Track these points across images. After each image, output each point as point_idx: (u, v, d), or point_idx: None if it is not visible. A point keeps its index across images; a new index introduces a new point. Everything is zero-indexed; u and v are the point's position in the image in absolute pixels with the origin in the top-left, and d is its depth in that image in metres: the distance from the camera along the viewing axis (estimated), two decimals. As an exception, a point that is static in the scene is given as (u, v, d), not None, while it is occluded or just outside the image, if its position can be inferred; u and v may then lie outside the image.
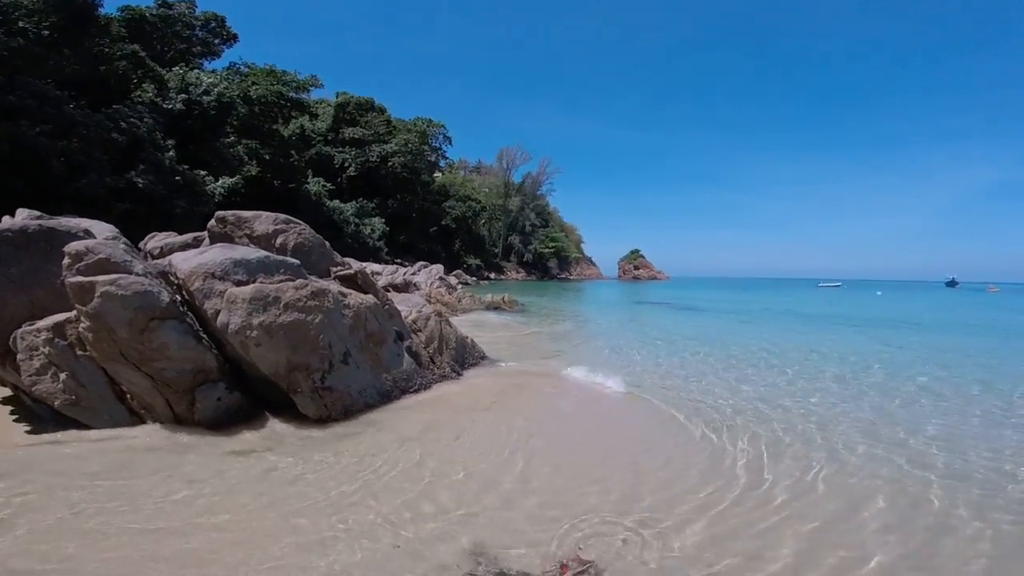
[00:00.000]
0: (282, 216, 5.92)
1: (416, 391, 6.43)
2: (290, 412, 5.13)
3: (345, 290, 5.73)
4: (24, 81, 17.17)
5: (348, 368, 5.38)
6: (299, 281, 4.94)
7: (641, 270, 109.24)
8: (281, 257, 5.05)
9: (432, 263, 43.65)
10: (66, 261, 4.26)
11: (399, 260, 42.81)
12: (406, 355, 6.44)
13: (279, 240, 5.63)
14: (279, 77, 37.51)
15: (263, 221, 5.71)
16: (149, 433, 4.63)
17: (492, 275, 72.32)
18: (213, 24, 37.48)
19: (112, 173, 19.57)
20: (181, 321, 4.53)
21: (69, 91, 22.55)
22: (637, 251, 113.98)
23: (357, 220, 46.02)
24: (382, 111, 56.67)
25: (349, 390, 5.41)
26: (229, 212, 5.85)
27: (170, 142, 22.81)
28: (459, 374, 7.41)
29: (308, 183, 45.52)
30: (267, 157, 36.44)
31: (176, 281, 4.73)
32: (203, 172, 23.41)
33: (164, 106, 24.37)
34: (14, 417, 4.88)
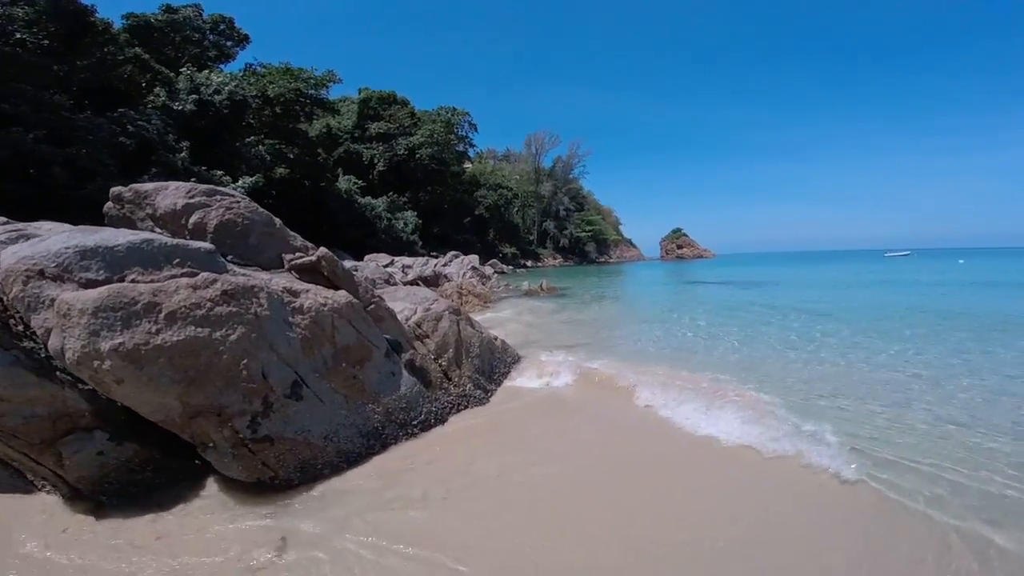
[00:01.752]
0: (202, 186, 4.10)
1: (423, 426, 4.55)
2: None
3: (301, 286, 3.87)
4: (18, 89, 16.33)
5: (301, 404, 3.54)
6: (203, 276, 3.10)
7: (685, 249, 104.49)
8: (176, 241, 3.21)
9: (467, 254, 42.12)
10: None
11: (434, 253, 41.44)
12: (404, 374, 4.56)
13: (194, 218, 3.82)
14: (295, 75, 36.44)
15: (169, 193, 3.91)
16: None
17: (529, 263, 70.23)
18: (222, 26, 36.73)
19: (122, 177, 18.63)
20: (5, 348, 2.77)
21: (77, 99, 21.97)
22: (679, 230, 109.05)
23: (389, 215, 44.89)
24: (405, 103, 55.25)
25: (307, 437, 3.57)
26: (127, 187, 4.07)
27: (184, 144, 21.83)
28: (487, 392, 5.48)
29: (338, 181, 44.73)
30: (292, 156, 35.57)
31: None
32: (220, 172, 22.33)
33: (175, 107, 23.44)
34: None
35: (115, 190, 4.00)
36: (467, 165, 70.77)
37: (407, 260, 24.70)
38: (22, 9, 18.38)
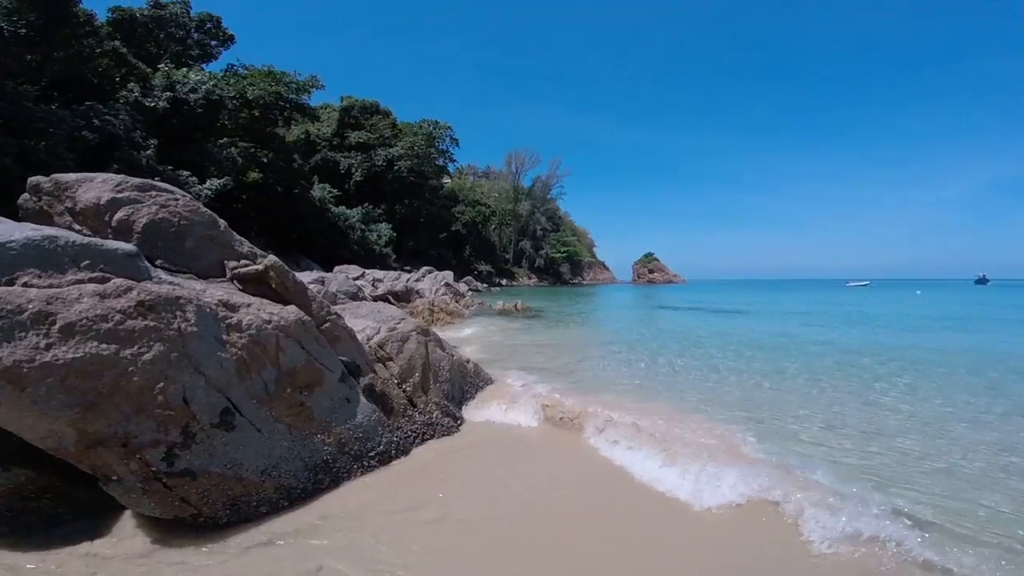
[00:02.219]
0: (135, 180, 3.60)
1: (381, 458, 4.09)
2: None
3: (241, 299, 3.41)
4: (-23, 76, 15.44)
5: (233, 435, 3.06)
6: (114, 283, 2.63)
7: (656, 273, 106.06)
8: (87, 240, 2.73)
9: (441, 270, 41.58)
10: None
11: (408, 267, 40.77)
12: (362, 400, 4.09)
13: (119, 215, 3.31)
14: (277, 78, 35.78)
15: (94, 186, 3.40)
16: None
17: (503, 281, 70.05)
18: (209, 25, 35.88)
19: (80, 173, 17.66)
20: None
21: (47, 90, 20.95)
22: (651, 254, 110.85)
23: (363, 226, 44.12)
24: (387, 114, 54.95)
25: (239, 471, 3.08)
26: (46, 178, 3.56)
27: (152, 141, 20.92)
28: (455, 420, 5.04)
29: (313, 189, 43.84)
30: (265, 160, 34.68)
31: None
32: (187, 173, 21.45)
33: (147, 104, 22.53)
34: None
35: (33, 180, 3.48)
36: (446, 180, 70.59)
37: (378, 273, 24.07)
38: (4, -5, 17.58)
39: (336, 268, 27.00)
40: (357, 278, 25.49)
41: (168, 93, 23.29)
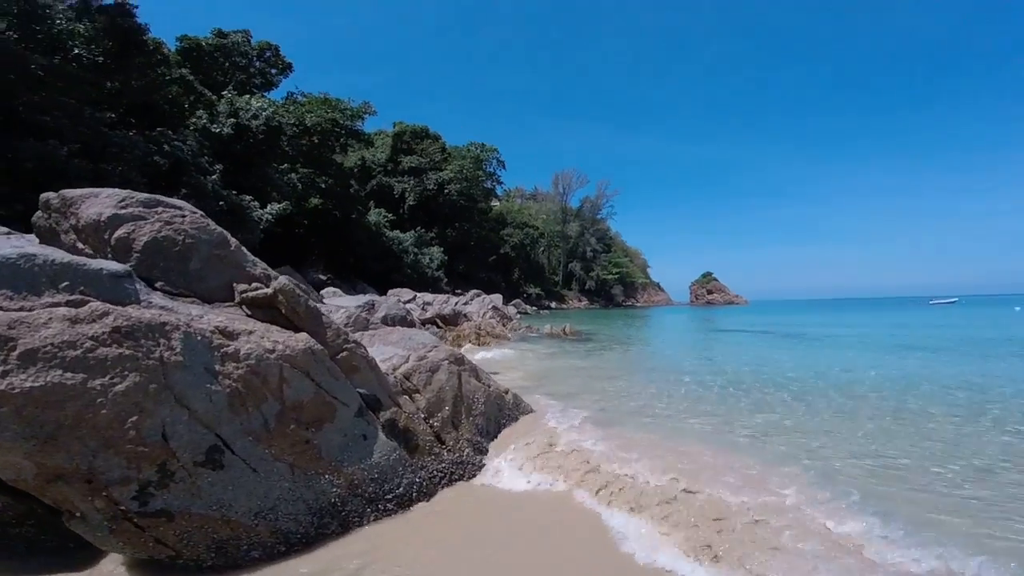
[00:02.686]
0: (141, 195, 3.42)
1: (400, 501, 3.66)
2: None
3: (241, 326, 3.11)
4: (61, 101, 16.81)
5: (221, 474, 2.72)
6: (90, 307, 2.37)
7: (715, 294, 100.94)
8: (69, 259, 2.50)
9: (491, 292, 41.56)
10: None
11: (458, 290, 41.05)
12: (381, 437, 3.69)
13: (120, 233, 3.11)
14: (333, 105, 37.49)
15: (97, 201, 3.23)
16: None
17: (553, 304, 69.35)
18: (268, 53, 38.17)
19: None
20: None
21: (123, 116, 22.71)
22: (710, 274, 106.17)
23: (416, 250, 45.01)
24: (437, 138, 56.41)
25: (226, 513, 2.73)
26: (56, 193, 3.44)
27: (217, 167, 22.18)
28: (483, 453, 4.55)
29: (369, 214, 45.36)
30: (324, 186, 36.17)
31: None
32: (249, 197, 22.54)
33: (213, 130, 24.01)
34: None
35: (44, 196, 3.39)
36: (494, 203, 71.38)
37: (428, 296, 24.17)
38: (83, 25, 19.10)
39: (389, 291, 27.41)
40: (408, 301, 25.74)
41: (232, 120, 24.69)
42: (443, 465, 4.19)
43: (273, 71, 38.57)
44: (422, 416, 4.18)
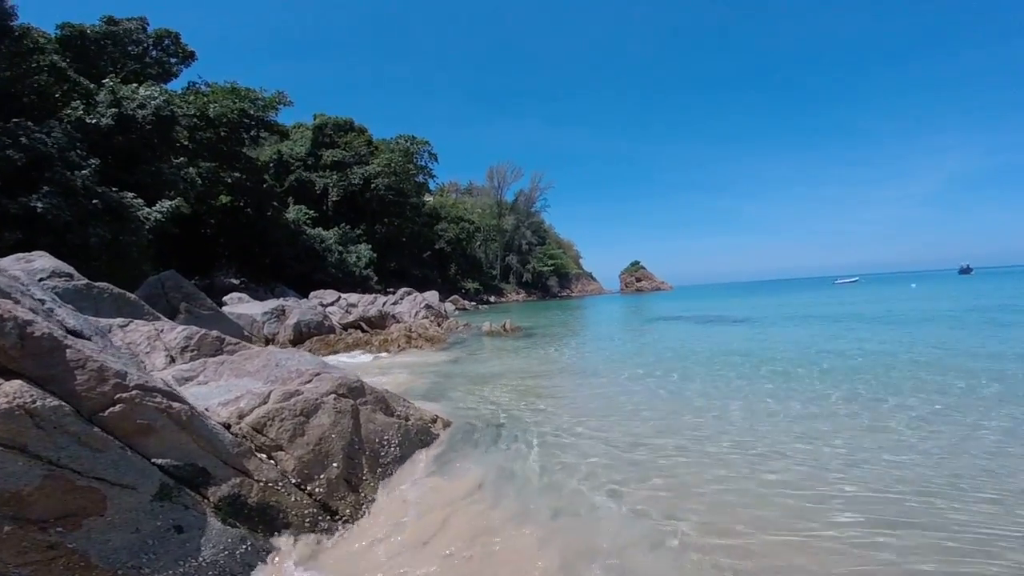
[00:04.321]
0: None
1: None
2: None
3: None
4: None
5: None
6: None
7: (643, 282, 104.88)
8: None
9: (427, 289, 39.65)
10: None
11: (390, 289, 38.84)
12: (213, 523, 2.30)
13: None
14: (242, 95, 34.09)
15: None
16: None
17: (492, 298, 68.31)
18: (167, 42, 34.19)
19: (5, 196, 15.68)
20: None
21: None
22: (638, 263, 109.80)
23: (341, 248, 42.19)
24: (362, 131, 53.51)
25: None
26: None
27: (92, 161, 18.96)
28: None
29: (288, 211, 41.91)
30: (230, 181, 32.80)
31: None
32: (131, 195, 19.46)
33: (88, 121, 20.60)
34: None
35: None
36: (428, 197, 69.07)
37: (353, 297, 22.18)
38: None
39: (312, 294, 25.07)
40: (331, 303, 23.54)
41: (113, 109, 21.37)
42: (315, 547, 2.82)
43: (172, 60, 34.57)
44: (293, 482, 2.77)
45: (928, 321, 14.70)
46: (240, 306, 14.55)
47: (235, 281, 32.13)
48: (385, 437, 3.62)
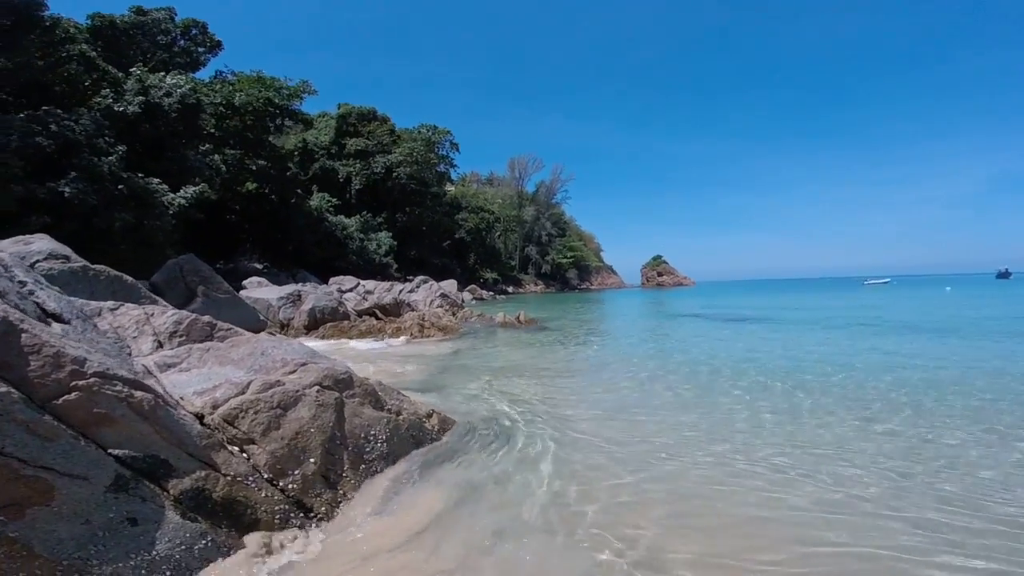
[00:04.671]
0: None
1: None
2: None
3: None
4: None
5: None
6: None
7: (665, 276, 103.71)
8: None
9: (446, 278, 39.76)
10: None
11: (410, 277, 39.12)
12: (171, 517, 2.25)
13: None
14: (267, 84, 34.48)
15: None
16: None
17: (510, 289, 68.27)
18: (194, 31, 34.81)
19: (31, 181, 16.13)
20: None
21: (19, 99, 19.65)
22: (660, 257, 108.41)
23: (362, 235, 42.57)
24: (385, 120, 53.66)
25: None
26: None
27: (120, 148, 19.40)
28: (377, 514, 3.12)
29: (311, 198, 42.38)
30: (255, 168, 33.28)
31: None
32: (156, 180, 19.88)
33: (116, 109, 21.06)
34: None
35: None
36: (449, 187, 69.16)
37: (370, 284, 22.30)
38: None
39: (332, 280, 25.36)
40: (350, 290, 23.76)
41: (140, 98, 21.79)
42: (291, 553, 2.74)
43: (200, 49, 35.27)
44: (264, 477, 2.70)
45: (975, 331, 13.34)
46: (258, 291, 14.74)
47: (258, 266, 32.69)
48: (372, 432, 3.53)
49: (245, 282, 17.73)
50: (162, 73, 24.49)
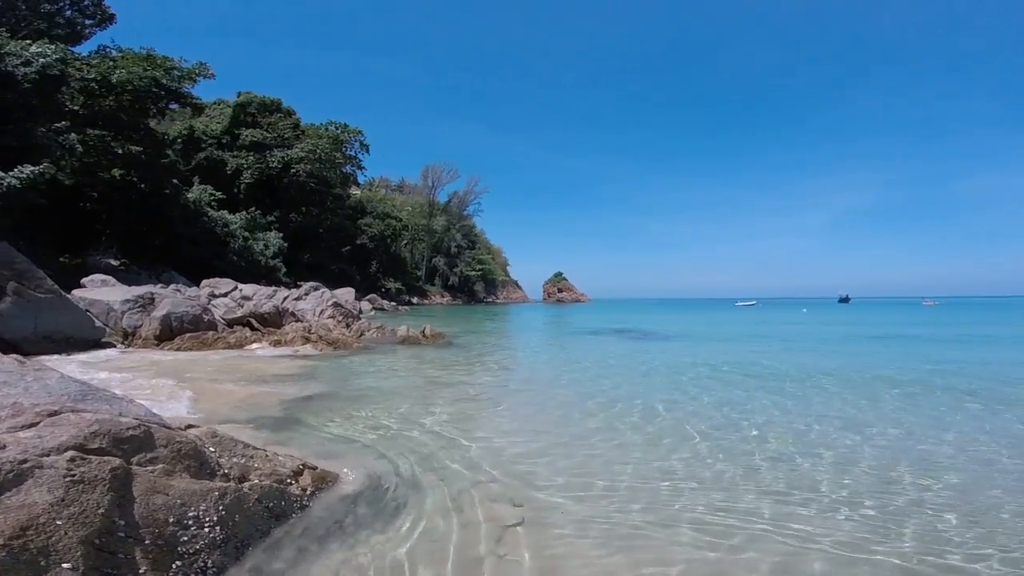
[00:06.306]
0: None
1: None
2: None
3: None
4: None
5: None
6: None
7: (564, 292, 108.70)
8: None
9: (343, 286, 37.40)
10: None
11: (301, 283, 36.23)
12: None
13: None
14: (157, 63, 30.52)
15: None
16: None
17: (415, 299, 66.52)
18: (86, 2, 30.20)
19: None
20: None
21: None
22: (561, 274, 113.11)
23: (247, 234, 38.89)
24: (290, 113, 50.18)
25: None
26: None
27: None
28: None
29: (190, 190, 37.93)
30: (121, 152, 29.11)
31: None
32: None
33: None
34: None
35: None
36: (355, 190, 66.11)
37: (249, 289, 20.16)
38: None
39: (204, 282, 22.67)
40: (226, 294, 21.32)
41: (-11, 66, 18.12)
42: None
43: (88, 21, 30.56)
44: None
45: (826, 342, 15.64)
46: (99, 291, 12.48)
47: (114, 263, 28.52)
48: (191, 514, 2.63)
49: (85, 280, 15.05)
50: (28, 42, 20.79)
